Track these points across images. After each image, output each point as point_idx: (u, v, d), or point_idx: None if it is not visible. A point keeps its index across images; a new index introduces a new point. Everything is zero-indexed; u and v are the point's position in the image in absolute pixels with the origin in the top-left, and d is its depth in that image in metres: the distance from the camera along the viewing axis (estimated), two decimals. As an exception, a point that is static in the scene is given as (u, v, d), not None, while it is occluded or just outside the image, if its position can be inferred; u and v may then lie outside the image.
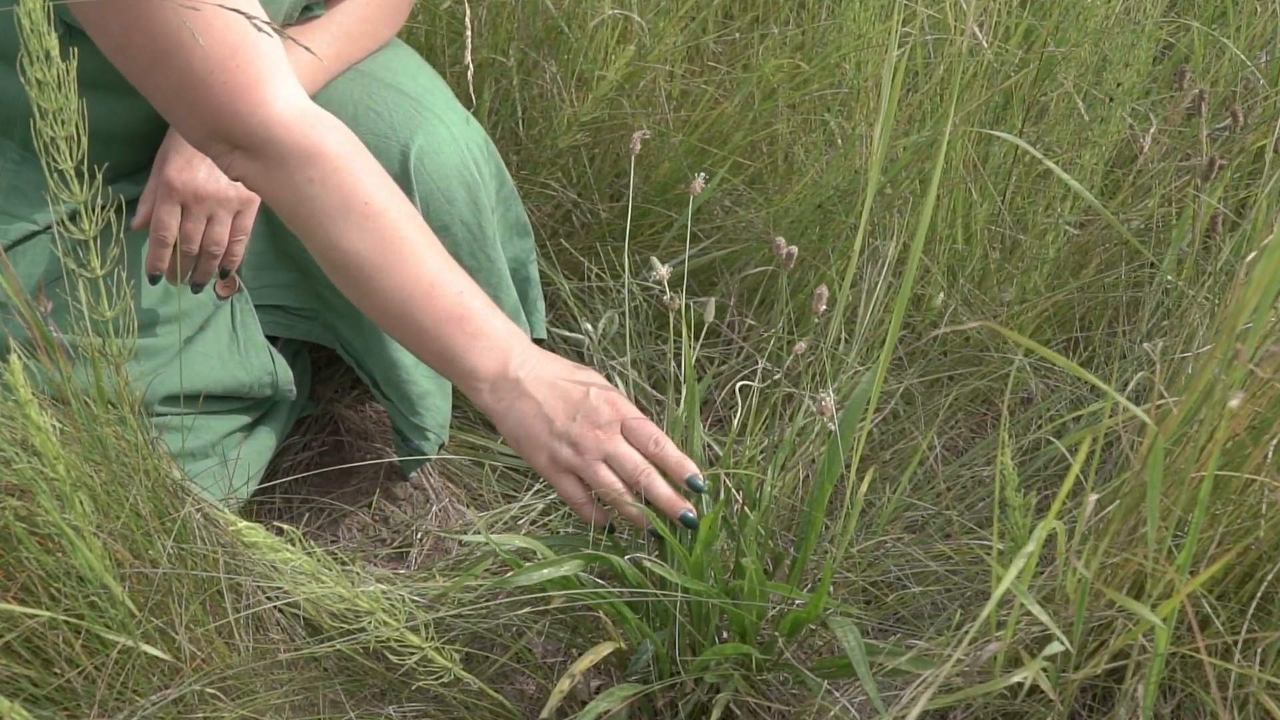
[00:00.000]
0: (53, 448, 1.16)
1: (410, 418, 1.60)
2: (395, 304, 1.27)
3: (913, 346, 1.75)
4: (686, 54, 1.92)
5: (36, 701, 1.24)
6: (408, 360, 1.59)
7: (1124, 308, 1.70)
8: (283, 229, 1.55)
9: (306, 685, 1.26)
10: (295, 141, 1.24)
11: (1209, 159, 1.48)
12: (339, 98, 1.51)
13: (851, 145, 1.76)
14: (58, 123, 1.15)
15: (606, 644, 1.24)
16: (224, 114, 1.24)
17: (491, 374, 1.28)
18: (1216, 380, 1.10)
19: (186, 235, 1.44)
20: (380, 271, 1.27)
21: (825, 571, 1.21)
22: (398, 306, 1.27)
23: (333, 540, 1.64)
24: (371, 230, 1.26)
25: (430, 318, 1.27)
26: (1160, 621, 1.09)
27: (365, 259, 1.26)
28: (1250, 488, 1.17)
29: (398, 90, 1.52)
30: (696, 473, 1.25)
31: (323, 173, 1.25)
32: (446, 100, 1.55)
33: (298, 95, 1.26)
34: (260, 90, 1.24)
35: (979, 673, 1.21)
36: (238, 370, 1.54)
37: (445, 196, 1.52)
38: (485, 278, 1.60)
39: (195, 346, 1.52)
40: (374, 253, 1.26)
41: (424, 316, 1.27)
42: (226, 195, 1.44)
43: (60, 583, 1.20)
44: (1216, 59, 1.83)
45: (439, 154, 1.50)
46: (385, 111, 1.50)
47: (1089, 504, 1.12)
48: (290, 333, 1.64)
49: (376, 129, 1.49)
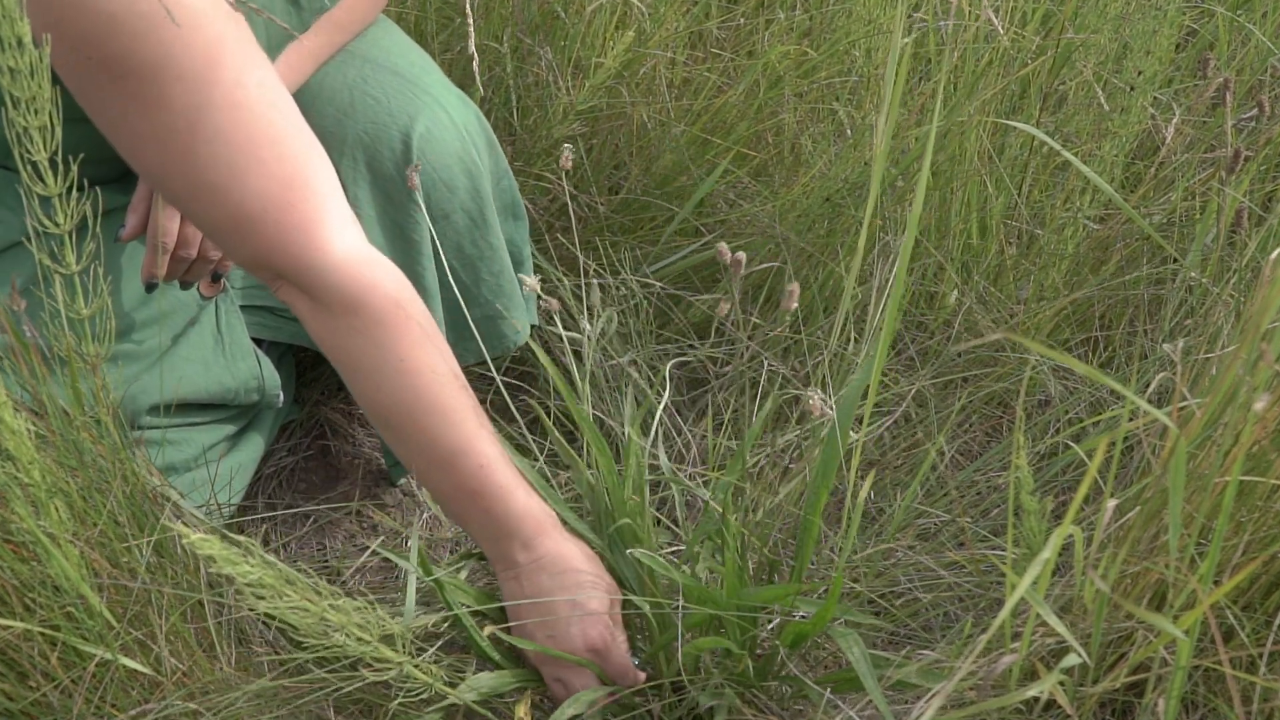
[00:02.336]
0: (27, 452, 1.15)
1: None
2: (419, 462, 1.29)
3: (925, 346, 1.73)
4: (688, 40, 1.91)
5: (11, 716, 1.23)
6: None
7: (1145, 306, 1.69)
8: None
9: (290, 700, 1.24)
10: (345, 289, 1.24)
11: (1234, 150, 1.47)
12: (332, 83, 1.50)
13: (861, 136, 1.75)
14: (30, 111, 1.13)
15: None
16: (276, 254, 1.23)
17: (494, 553, 1.31)
18: (1241, 382, 1.10)
19: (185, 239, 1.43)
20: (405, 431, 1.27)
21: (835, 583, 1.19)
22: (422, 464, 1.29)
23: (319, 548, 1.63)
24: (405, 388, 1.26)
25: (449, 484, 1.29)
26: (1182, 633, 1.08)
27: (393, 415, 1.27)
28: (1276, 494, 1.17)
29: (393, 71, 1.51)
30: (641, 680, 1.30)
31: (364, 323, 1.24)
32: (440, 80, 1.55)
33: (354, 237, 1.25)
34: (317, 232, 1.23)
35: (993, 686, 1.20)
36: (223, 375, 1.53)
37: (447, 185, 1.52)
38: (487, 265, 1.59)
39: (178, 350, 1.51)
40: (402, 412, 1.27)
41: (443, 482, 1.29)
42: None
43: (35, 593, 1.19)
44: (1242, 46, 1.82)
45: (441, 140, 1.50)
46: (383, 97, 1.49)
47: (1108, 510, 1.12)
48: (278, 335, 1.64)
49: (376, 117, 1.48)
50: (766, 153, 1.87)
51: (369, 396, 1.27)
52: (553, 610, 1.27)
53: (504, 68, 1.86)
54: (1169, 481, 1.09)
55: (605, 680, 1.29)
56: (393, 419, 1.27)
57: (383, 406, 1.27)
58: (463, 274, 1.58)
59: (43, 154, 1.15)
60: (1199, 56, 1.82)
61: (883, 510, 1.55)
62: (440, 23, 1.88)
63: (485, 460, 1.27)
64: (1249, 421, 1.09)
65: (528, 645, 1.27)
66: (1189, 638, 1.11)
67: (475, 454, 1.27)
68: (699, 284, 1.85)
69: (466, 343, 1.63)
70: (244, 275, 1.57)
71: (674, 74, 1.88)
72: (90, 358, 1.23)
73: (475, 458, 1.27)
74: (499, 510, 1.28)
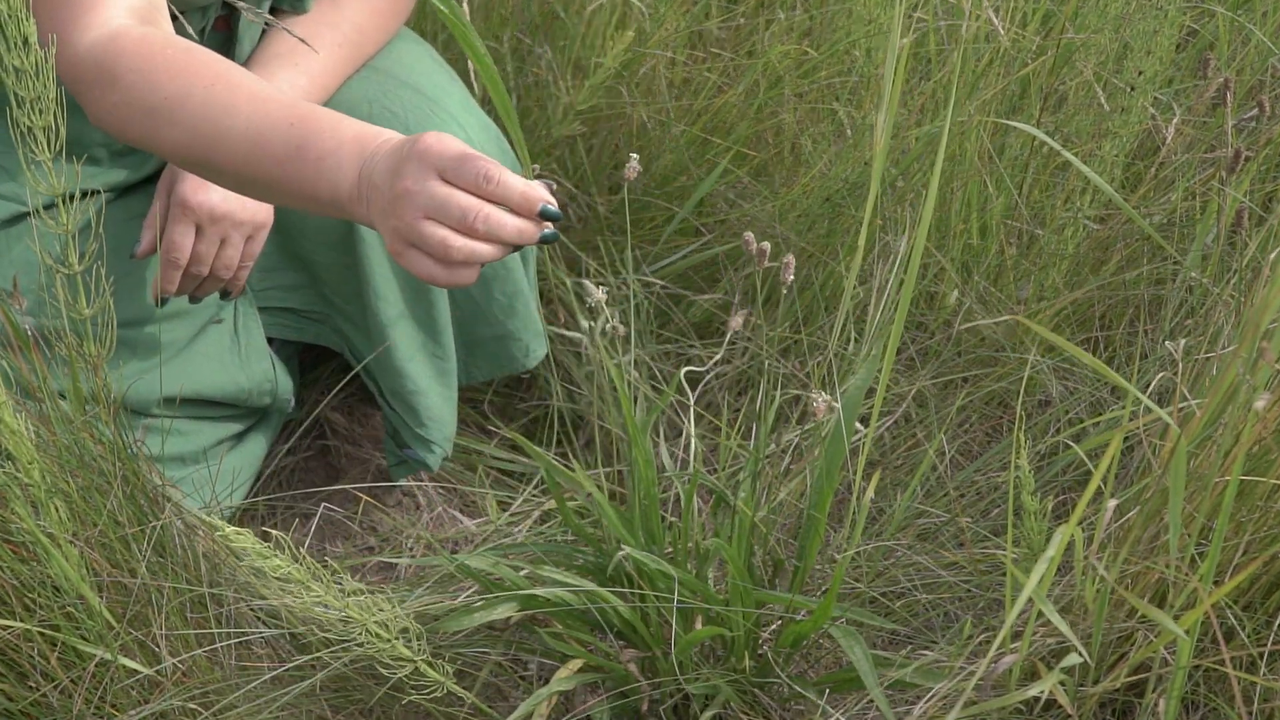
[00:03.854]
0: (27, 451, 1.15)
1: (416, 429, 1.59)
2: (239, 176, 1.20)
3: (925, 346, 1.72)
4: (688, 40, 1.90)
5: (11, 716, 1.23)
6: (414, 370, 1.58)
7: (1145, 306, 1.68)
8: (289, 231, 1.55)
9: (291, 700, 1.24)
10: (87, 69, 1.22)
11: (1234, 151, 1.47)
12: (353, 96, 1.49)
13: (861, 136, 1.75)
14: (35, 111, 1.14)
15: (575, 661, 1.24)
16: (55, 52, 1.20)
17: (350, 186, 1.15)
18: (1241, 381, 1.10)
19: (198, 257, 1.43)
20: (209, 156, 1.20)
21: (834, 580, 1.19)
22: (243, 176, 1.20)
23: (319, 549, 1.63)
24: (179, 122, 1.20)
25: (274, 169, 1.17)
26: (1183, 633, 1.09)
27: (189, 151, 1.21)
28: (1276, 494, 1.17)
29: (414, 89, 1.51)
30: (547, 198, 1.09)
31: (120, 88, 1.21)
32: (462, 100, 1.54)
33: (107, 23, 1.23)
34: (67, 29, 1.22)
35: (993, 686, 1.20)
36: (238, 374, 1.53)
37: None
38: (500, 285, 1.59)
39: (196, 347, 1.51)
40: (192, 142, 1.20)
41: (268, 171, 1.17)
42: (240, 218, 1.43)
43: (35, 593, 1.19)
44: (1242, 46, 1.81)
45: None
46: (401, 112, 1.49)
47: (1108, 509, 1.12)
48: (300, 335, 1.64)
49: (392, 130, 1.47)
50: (766, 153, 1.86)
51: (164, 152, 1.23)
52: (391, 159, 1.10)
53: (504, 68, 1.85)
54: (1169, 481, 1.09)
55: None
56: (191, 157, 1.21)
57: (175, 152, 1.22)
58: (474, 291, 1.58)
59: (47, 154, 1.15)
60: (1199, 56, 1.81)
61: (883, 510, 1.55)
62: (441, 23, 1.87)
63: (288, 114, 1.17)
64: (1249, 421, 1.09)
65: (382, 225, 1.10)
66: (1190, 637, 1.11)
67: (276, 119, 1.17)
68: (699, 284, 1.84)
69: (476, 360, 1.64)
70: (263, 277, 1.57)
71: (674, 74, 1.87)
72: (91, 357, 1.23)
73: (278, 121, 1.17)
74: (330, 145, 1.14)
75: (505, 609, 1.24)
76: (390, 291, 1.53)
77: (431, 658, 1.19)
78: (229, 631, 1.25)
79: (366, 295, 1.53)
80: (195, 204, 1.40)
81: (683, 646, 1.24)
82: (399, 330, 1.54)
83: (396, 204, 1.08)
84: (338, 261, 1.55)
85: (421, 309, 1.56)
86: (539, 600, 1.25)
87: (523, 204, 1.08)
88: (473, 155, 1.08)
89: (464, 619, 1.24)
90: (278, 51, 1.44)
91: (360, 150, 1.14)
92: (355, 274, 1.54)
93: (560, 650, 1.28)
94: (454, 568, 1.29)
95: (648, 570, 1.23)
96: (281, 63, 1.43)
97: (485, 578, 1.29)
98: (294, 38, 1.42)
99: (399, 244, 1.10)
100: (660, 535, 1.29)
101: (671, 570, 1.23)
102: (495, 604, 1.24)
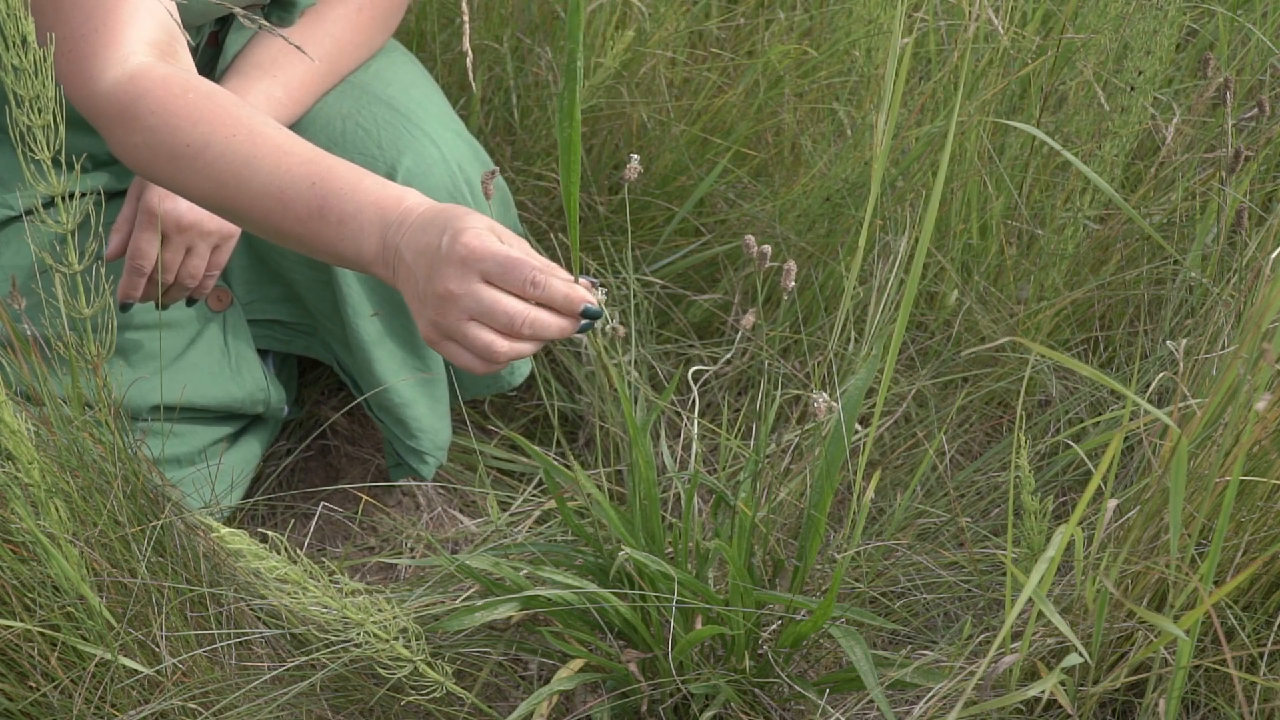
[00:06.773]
0: (27, 451, 1.14)
1: (407, 441, 1.59)
2: (263, 227, 1.22)
3: (925, 346, 1.72)
4: (688, 39, 1.90)
5: (11, 716, 1.23)
6: (399, 383, 1.57)
7: (1146, 306, 1.68)
8: (265, 246, 1.55)
9: (291, 700, 1.24)
10: (110, 108, 1.23)
11: (1234, 150, 1.47)
12: (327, 112, 1.50)
13: (861, 136, 1.74)
14: (34, 110, 1.14)
15: (575, 661, 1.24)
16: (65, 84, 1.22)
17: (374, 253, 1.17)
18: (1242, 381, 1.10)
19: (164, 265, 1.43)
20: (234, 205, 1.21)
21: (834, 580, 1.19)
22: (267, 228, 1.21)
23: (319, 549, 1.63)
24: (201, 170, 1.21)
25: (297, 226, 1.19)
26: (1183, 633, 1.08)
27: (215, 199, 1.22)
28: (1276, 494, 1.17)
29: (388, 105, 1.51)
30: (589, 299, 1.12)
31: (141, 129, 1.22)
32: (439, 115, 1.53)
33: (130, 63, 1.24)
34: (88, 67, 1.23)
35: (993, 686, 1.19)
36: (230, 385, 1.54)
37: None
38: None
39: (187, 357, 1.51)
40: (215, 191, 1.21)
41: (291, 227, 1.19)
42: (206, 228, 1.43)
43: (35, 593, 1.19)
44: (1242, 46, 1.81)
45: (428, 176, 1.48)
46: (374, 129, 1.49)
47: (1108, 510, 1.11)
48: (289, 348, 1.64)
49: (364, 149, 1.48)
50: (766, 152, 1.86)
51: (189, 196, 1.24)
52: (429, 246, 1.11)
53: (504, 68, 1.85)
54: (1169, 481, 1.09)
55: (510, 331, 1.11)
56: (214, 204, 1.23)
57: (201, 199, 1.23)
58: None
59: (46, 154, 1.15)
60: (1199, 56, 1.81)
61: (883, 510, 1.55)
62: (441, 23, 1.88)
63: (313, 174, 1.18)
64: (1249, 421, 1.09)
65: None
66: (1190, 637, 1.11)
67: (298, 178, 1.18)
68: (699, 283, 1.84)
69: (461, 380, 1.62)
70: (249, 290, 1.57)
71: (674, 74, 1.87)
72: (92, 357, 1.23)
73: (300, 181, 1.18)
74: (351, 209, 1.16)
75: (505, 609, 1.24)
76: (366, 308, 1.52)
77: (431, 658, 1.19)
78: (229, 631, 1.25)
79: (344, 312, 1.52)
80: (162, 212, 1.40)
81: (683, 646, 1.24)
82: (381, 348, 1.53)
83: (441, 305, 1.11)
84: (315, 278, 1.55)
85: (400, 323, 1.55)
86: (539, 600, 1.25)
87: (566, 306, 1.12)
88: (517, 261, 1.10)
89: (464, 619, 1.24)
90: (258, 61, 1.44)
91: (381, 217, 1.16)
92: (331, 290, 1.53)
93: (560, 650, 1.28)
94: (454, 568, 1.29)
95: (648, 570, 1.23)
96: (261, 73, 1.43)
97: (485, 578, 1.29)
98: (273, 50, 1.42)
99: (437, 335, 1.13)
100: (660, 535, 1.29)
101: (672, 570, 1.22)
102: (495, 604, 1.24)
